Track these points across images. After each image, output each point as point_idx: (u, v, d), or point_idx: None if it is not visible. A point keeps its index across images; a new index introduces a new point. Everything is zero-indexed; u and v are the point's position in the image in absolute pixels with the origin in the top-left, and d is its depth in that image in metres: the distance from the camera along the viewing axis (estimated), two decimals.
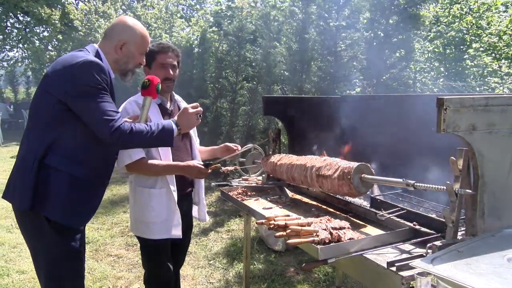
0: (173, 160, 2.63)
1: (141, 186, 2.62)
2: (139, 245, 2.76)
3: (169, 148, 2.60)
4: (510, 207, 1.76)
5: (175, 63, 2.68)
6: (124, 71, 2.24)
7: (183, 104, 2.88)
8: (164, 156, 2.60)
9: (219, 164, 2.67)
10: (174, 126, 2.22)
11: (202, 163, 2.59)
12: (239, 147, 2.92)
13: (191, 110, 2.34)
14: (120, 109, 2.57)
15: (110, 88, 2.08)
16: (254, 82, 7.67)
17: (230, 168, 2.81)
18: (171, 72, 2.65)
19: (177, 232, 2.62)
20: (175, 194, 2.61)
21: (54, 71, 2.00)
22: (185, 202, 2.81)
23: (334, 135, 3.18)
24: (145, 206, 2.60)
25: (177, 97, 2.88)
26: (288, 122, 3.44)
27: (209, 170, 2.56)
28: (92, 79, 1.95)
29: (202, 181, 2.90)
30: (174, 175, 2.61)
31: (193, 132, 2.88)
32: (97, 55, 2.13)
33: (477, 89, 6.54)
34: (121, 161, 2.50)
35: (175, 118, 2.31)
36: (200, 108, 2.41)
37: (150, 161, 2.53)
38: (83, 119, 1.99)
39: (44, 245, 2.05)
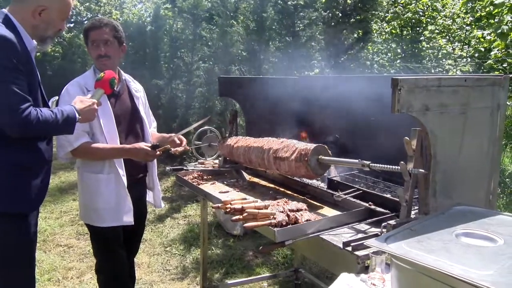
0: (124, 144, 2.57)
1: (88, 171, 2.56)
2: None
3: (116, 130, 2.54)
4: (460, 186, 1.84)
5: (110, 38, 2.57)
6: (43, 38, 2.09)
7: (134, 84, 2.81)
8: (110, 139, 2.53)
9: (168, 146, 2.64)
10: (76, 115, 2.10)
11: (149, 145, 2.55)
12: (184, 141, 2.86)
13: (95, 107, 2.24)
14: (63, 91, 2.50)
15: (27, 62, 1.92)
16: (211, 63, 7.57)
17: (180, 149, 2.77)
18: (103, 49, 2.55)
19: (128, 218, 2.58)
20: (124, 179, 2.56)
21: None
22: (138, 187, 2.76)
23: (292, 116, 3.20)
24: (94, 192, 2.55)
25: (126, 76, 2.79)
26: (245, 103, 3.43)
27: (158, 153, 2.52)
28: None
29: (155, 165, 2.86)
30: (122, 159, 2.55)
31: (145, 114, 2.81)
32: (7, 22, 1.94)
33: (432, 70, 6.80)
34: (62, 147, 2.44)
35: (77, 105, 2.16)
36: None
37: (94, 145, 2.47)
38: None
39: None
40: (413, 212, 1.82)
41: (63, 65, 17.84)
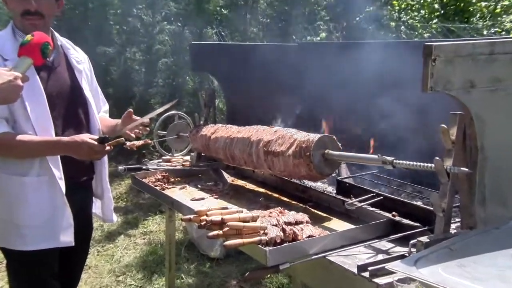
0: (60, 136, 2.53)
1: (8, 173, 2.48)
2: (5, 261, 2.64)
3: (49, 117, 2.49)
4: None
5: None
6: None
7: (74, 53, 2.77)
8: (41, 129, 2.47)
9: (122, 139, 2.61)
10: None
11: (96, 137, 2.49)
12: (146, 119, 2.84)
13: (18, 83, 2.19)
14: None
15: None
16: (179, 24, 7.53)
17: (138, 143, 2.77)
18: (34, 3, 2.51)
19: (66, 238, 2.55)
20: (62, 184, 2.52)
21: None
22: (81, 194, 2.74)
23: (289, 97, 3.20)
24: (16, 203, 2.48)
25: (63, 41, 2.74)
26: (226, 80, 3.44)
27: (108, 148, 2.50)
28: None
29: (106, 164, 2.84)
30: (59, 157, 2.52)
31: (90, 95, 2.78)
32: None
33: (485, 32, 6.70)
34: None
35: None
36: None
37: (18, 137, 2.40)
38: None
39: None
40: (453, 226, 1.82)
41: None
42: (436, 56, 1.58)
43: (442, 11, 7.27)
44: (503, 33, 6.52)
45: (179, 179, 2.98)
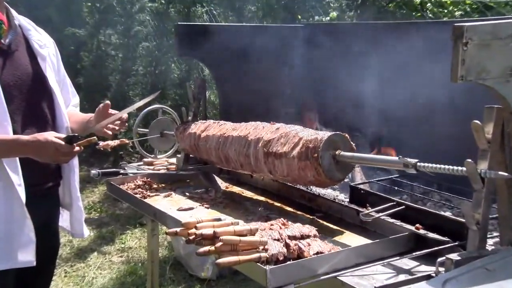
0: (20, 134, 2.51)
1: None
2: None
3: (5, 111, 2.45)
4: None
5: None
6: None
7: (37, 35, 2.75)
8: None
9: (94, 138, 2.59)
10: None
11: (63, 136, 2.49)
12: (124, 114, 2.84)
13: None
14: None
15: None
16: (163, 1, 7.52)
17: (114, 143, 2.79)
18: None
19: (26, 256, 2.53)
20: (21, 192, 2.50)
21: None
22: (45, 204, 2.72)
23: (295, 89, 3.24)
24: None
25: (21, 20, 2.72)
26: (219, 68, 3.42)
27: (77, 148, 2.49)
28: None
29: (76, 168, 2.83)
30: (18, 159, 2.51)
31: (57, 85, 2.77)
32: None
33: None
34: None
35: None
36: None
37: None
38: None
39: None
40: (489, 241, 1.83)
41: None
42: (469, 39, 1.57)
43: None
44: None
45: (163, 185, 2.96)
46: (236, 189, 2.92)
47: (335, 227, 2.31)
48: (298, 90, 3.23)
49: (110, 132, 2.85)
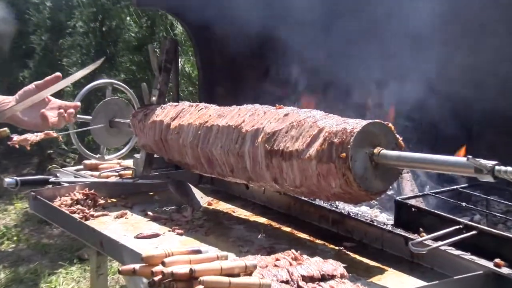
0: None
1: None
2: None
3: None
4: None
5: None
6: None
7: None
8: None
9: (5, 129, 2.42)
10: None
11: None
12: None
13: None
14: None
15: None
16: None
17: (35, 137, 2.46)
18: None
19: None
20: None
21: None
22: None
23: (310, 55, 2.84)
24: None
25: None
26: (198, 24, 3.03)
27: None
28: None
29: None
30: None
31: None
32: None
33: None
34: None
35: None
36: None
37: None
38: None
39: None
40: None
41: None
42: None
43: None
44: None
45: (114, 200, 2.75)
46: (223, 206, 2.74)
47: (372, 262, 2.07)
48: (316, 56, 2.89)
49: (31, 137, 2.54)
